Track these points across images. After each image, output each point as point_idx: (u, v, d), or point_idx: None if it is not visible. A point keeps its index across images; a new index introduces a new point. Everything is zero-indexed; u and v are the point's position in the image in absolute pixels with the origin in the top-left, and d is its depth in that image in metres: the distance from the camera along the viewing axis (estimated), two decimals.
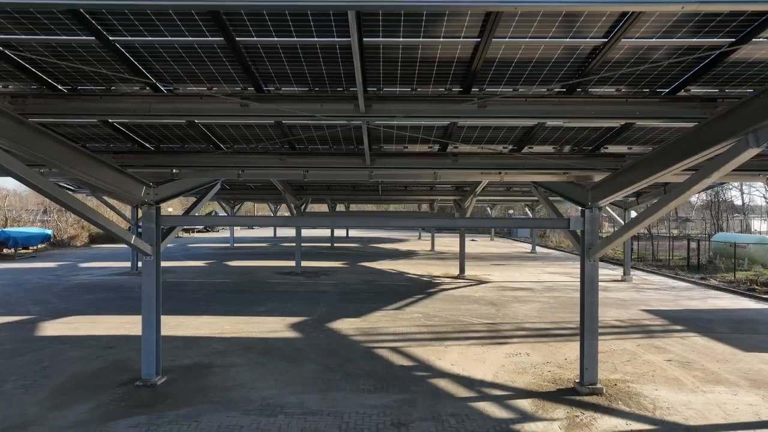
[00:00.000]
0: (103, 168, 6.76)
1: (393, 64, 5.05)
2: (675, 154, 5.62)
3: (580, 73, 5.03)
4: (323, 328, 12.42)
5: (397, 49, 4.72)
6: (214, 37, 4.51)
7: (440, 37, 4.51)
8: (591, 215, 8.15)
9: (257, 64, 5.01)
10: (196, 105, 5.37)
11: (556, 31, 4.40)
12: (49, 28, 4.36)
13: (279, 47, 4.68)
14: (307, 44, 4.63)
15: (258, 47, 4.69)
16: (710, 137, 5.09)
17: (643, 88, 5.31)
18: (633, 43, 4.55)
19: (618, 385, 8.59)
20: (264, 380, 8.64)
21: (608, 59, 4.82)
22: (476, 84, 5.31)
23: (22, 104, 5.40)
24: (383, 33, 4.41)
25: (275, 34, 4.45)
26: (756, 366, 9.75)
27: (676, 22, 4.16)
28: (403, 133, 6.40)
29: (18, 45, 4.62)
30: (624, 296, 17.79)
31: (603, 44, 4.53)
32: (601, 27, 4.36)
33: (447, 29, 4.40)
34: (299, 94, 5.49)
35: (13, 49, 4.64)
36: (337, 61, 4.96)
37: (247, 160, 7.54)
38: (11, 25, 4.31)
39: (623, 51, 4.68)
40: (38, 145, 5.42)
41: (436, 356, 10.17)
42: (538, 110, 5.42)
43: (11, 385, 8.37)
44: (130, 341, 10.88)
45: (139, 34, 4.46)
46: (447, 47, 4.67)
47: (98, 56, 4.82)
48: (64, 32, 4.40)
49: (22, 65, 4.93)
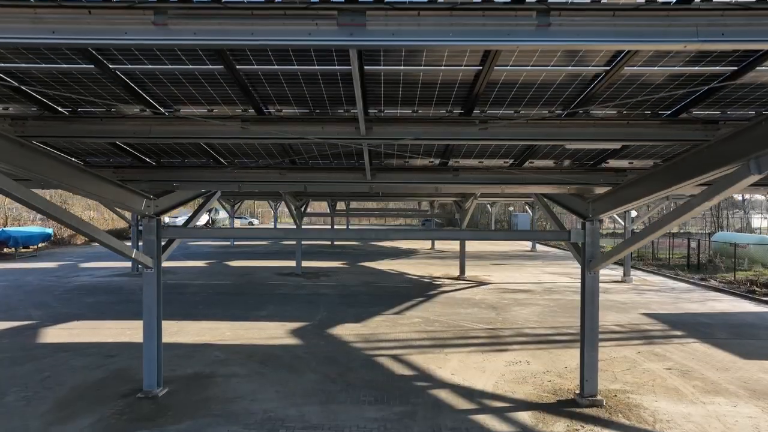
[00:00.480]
0: (104, 184, 6.76)
1: (394, 86, 5.03)
2: (676, 174, 5.61)
3: (583, 96, 5.02)
4: (323, 335, 12.44)
5: (399, 75, 4.70)
6: (214, 65, 4.50)
7: (441, 65, 4.50)
8: (592, 227, 8.14)
9: (257, 87, 4.99)
10: (196, 127, 5.36)
11: (558, 61, 4.39)
12: (50, 58, 4.35)
13: (279, 74, 4.67)
14: (308, 72, 4.62)
15: (258, 74, 4.68)
16: (712, 160, 5.08)
17: (644, 110, 5.30)
18: (635, 71, 4.53)
19: (618, 396, 8.61)
20: (265, 391, 8.66)
21: (612, 83, 4.81)
22: (478, 106, 5.30)
23: (22, 126, 5.39)
24: (384, 62, 4.40)
25: (276, 63, 4.44)
26: (755, 375, 9.77)
27: (678, 52, 4.14)
28: (404, 149, 6.39)
29: (18, 72, 4.60)
30: (624, 299, 17.82)
31: (605, 72, 4.52)
32: (602, 57, 4.35)
33: (448, 60, 4.39)
34: (300, 116, 5.47)
35: (13, 75, 4.63)
36: (337, 84, 4.94)
37: (247, 175, 7.54)
38: (12, 55, 4.30)
39: (625, 78, 4.66)
40: (39, 166, 5.43)
41: (436, 365, 10.19)
42: (539, 132, 5.41)
43: (13, 397, 8.39)
44: (131, 349, 10.89)
45: (139, 63, 4.45)
46: (449, 73, 4.66)
47: (98, 82, 4.80)
48: (65, 61, 4.39)
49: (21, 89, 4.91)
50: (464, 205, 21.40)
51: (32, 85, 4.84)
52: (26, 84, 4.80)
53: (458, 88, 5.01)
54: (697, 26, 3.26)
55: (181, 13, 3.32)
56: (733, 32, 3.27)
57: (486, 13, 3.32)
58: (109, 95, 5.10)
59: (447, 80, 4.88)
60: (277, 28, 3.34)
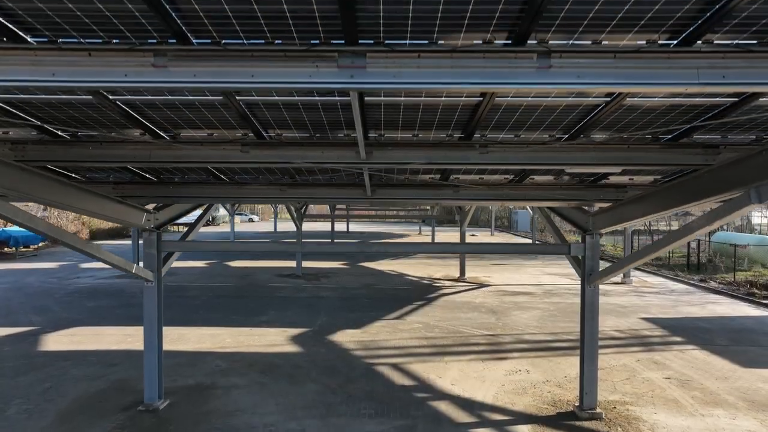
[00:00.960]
0: (105, 201, 6.77)
1: (395, 110, 5.02)
2: (676, 197, 5.62)
3: (584, 123, 5.02)
4: (324, 342, 12.47)
5: (399, 103, 4.70)
6: (214, 96, 4.50)
7: (442, 97, 4.50)
8: (592, 241, 8.15)
9: (256, 112, 4.99)
10: (196, 151, 5.36)
11: (559, 93, 4.38)
12: (50, 89, 4.34)
13: (280, 104, 4.67)
14: (308, 102, 4.62)
15: (259, 104, 4.68)
16: (712, 185, 5.08)
17: (645, 135, 5.30)
18: (636, 102, 4.52)
19: (617, 408, 8.64)
20: (265, 404, 8.69)
21: (613, 111, 4.80)
22: (479, 130, 5.30)
23: (22, 150, 5.39)
24: (385, 94, 4.40)
25: (276, 95, 4.44)
26: (754, 385, 9.80)
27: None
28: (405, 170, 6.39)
29: (18, 102, 4.60)
30: (624, 302, 17.85)
31: (606, 102, 4.51)
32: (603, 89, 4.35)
33: (448, 94, 4.39)
34: (300, 140, 5.47)
35: (13, 105, 4.63)
36: (337, 110, 4.94)
37: (247, 191, 7.54)
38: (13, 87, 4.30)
39: (626, 107, 4.66)
40: (39, 189, 5.43)
41: (436, 374, 10.23)
42: (539, 156, 5.41)
43: (15, 409, 8.42)
44: (131, 357, 10.92)
45: (139, 94, 4.45)
46: (449, 102, 4.66)
47: (97, 110, 4.80)
48: (64, 93, 4.38)
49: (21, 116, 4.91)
50: (465, 208, 21.41)
51: (32, 113, 4.83)
52: (26, 112, 4.80)
53: (459, 113, 5.00)
54: (698, 69, 3.26)
55: (181, 55, 3.32)
56: (735, 74, 3.27)
57: (486, 56, 3.32)
58: (109, 121, 5.10)
59: (448, 106, 4.88)
60: (278, 70, 3.33)
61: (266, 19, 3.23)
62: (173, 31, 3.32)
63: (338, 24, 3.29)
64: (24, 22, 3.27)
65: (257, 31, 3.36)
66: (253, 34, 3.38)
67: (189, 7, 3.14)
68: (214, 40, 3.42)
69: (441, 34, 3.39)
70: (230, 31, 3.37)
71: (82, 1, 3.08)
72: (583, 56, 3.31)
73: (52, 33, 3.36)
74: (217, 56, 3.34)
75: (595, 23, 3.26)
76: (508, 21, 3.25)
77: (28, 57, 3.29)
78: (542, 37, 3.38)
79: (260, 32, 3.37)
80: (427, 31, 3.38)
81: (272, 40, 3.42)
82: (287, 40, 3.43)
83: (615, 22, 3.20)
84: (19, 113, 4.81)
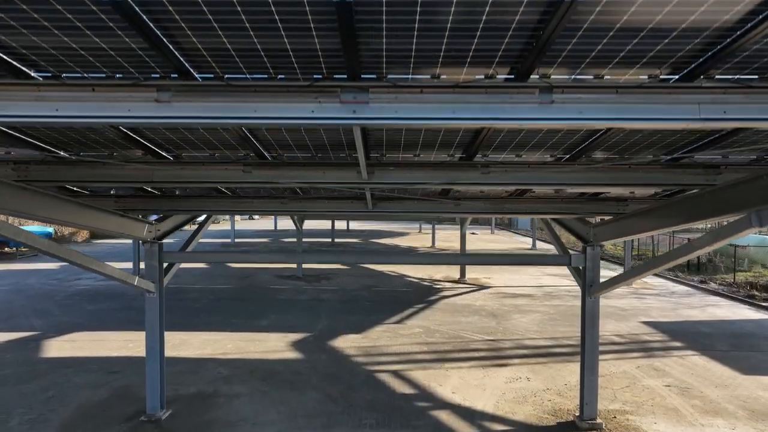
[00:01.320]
0: (107, 216, 6.80)
1: (397, 132, 5.02)
2: (677, 216, 5.63)
3: (585, 145, 5.03)
4: (325, 348, 12.51)
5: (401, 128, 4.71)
6: None
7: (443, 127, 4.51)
8: (593, 252, 8.17)
9: (257, 134, 5.00)
10: (198, 172, 5.39)
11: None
12: None
13: (282, 127, 4.68)
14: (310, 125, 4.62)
15: (260, 127, 4.69)
16: (713, 206, 5.09)
17: (646, 155, 5.31)
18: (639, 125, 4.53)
19: (617, 418, 8.68)
20: (267, 413, 8.73)
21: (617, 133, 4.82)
22: (480, 150, 5.31)
23: (25, 170, 5.41)
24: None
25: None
26: (754, 393, 9.84)
27: None
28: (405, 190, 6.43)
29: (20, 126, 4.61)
30: (624, 304, 17.88)
31: (608, 128, 4.52)
32: None
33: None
34: (302, 161, 5.49)
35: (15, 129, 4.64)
36: (338, 131, 4.95)
37: (249, 204, 7.58)
38: None
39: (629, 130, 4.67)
40: (42, 208, 5.45)
41: (437, 382, 10.26)
42: (540, 177, 5.43)
43: (17, 420, 8.45)
44: (133, 364, 10.95)
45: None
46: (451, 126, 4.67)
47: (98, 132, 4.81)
48: None
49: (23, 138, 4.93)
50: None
51: (34, 136, 4.84)
52: (28, 135, 4.81)
53: (462, 135, 5.01)
54: (700, 104, 3.26)
55: (185, 90, 3.33)
56: (736, 110, 3.28)
57: (488, 91, 3.33)
58: (110, 142, 5.11)
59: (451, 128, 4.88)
60: (281, 105, 3.34)
61: (268, 56, 3.23)
62: (174, 67, 3.33)
63: (341, 58, 3.30)
64: (27, 58, 3.27)
65: (260, 65, 3.37)
66: (256, 69, 3.39)
67: (190, 43, 3.14)
68: (217, 75, 3.42)
69: (444, 68, 3.39)
70: (232, 65, 3.37)
71: (82, 38, 3.08)
72: (586, 91, 3.32)
73: (56, 68, 3.36)
74: (220, 91, 3.35)
75: (598, 59, 3.26)
76: (511, 57, 3.25)
77: (31, 92, 3.29)
78: (545, 71, 3.38)
79: (263, 67, 3.37)
80: (430, 65, 3.38)
81: (275, 75, 3.42)
82: (290, 74, 3.43)
83: (618, 59, 3.21)
84: (22, 136, 4.82)
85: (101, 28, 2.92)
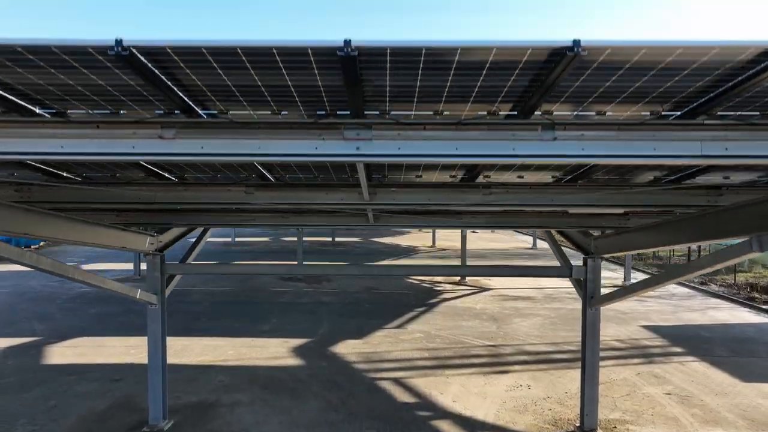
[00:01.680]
0: (108, 231, 6.83)
1: None
2: (677, 234, 5.66)
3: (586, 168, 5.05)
4: (325, 354, 12.54)
5: None
6: None
7: None
8: (594, 264, 8.20)
9: None
10: (200, 193, 5.41)
11: None
12: None
13: None
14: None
15: None
16: (714, 228, 5.11)
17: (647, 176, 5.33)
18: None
19: (617, 428, 8.72)
20: (268, 422, 8.77)
21: None
22: (483, 172, 5.32)
23: (27, 192, 5.44)
24: None
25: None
26: (754, 401, 9.88)
27: None
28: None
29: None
30: (624, 307, 17.87)
31: None
32: None
33: None
34: (304, 181, 5.51)
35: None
36: None
37: (251, 218, 7.59)
38: None
39: None
40: (45, 229, 5.47)
41: (438, 390, 10.30)
42: (541, 198, 5.45)
43: (20, 430, 8.49)
44: (135, 371, 10.99)
45: None
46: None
47: None
48: None
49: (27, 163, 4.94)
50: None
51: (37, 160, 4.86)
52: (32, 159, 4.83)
53: None
54: (701, 141, 3.28)
55: (189, 127, 3.35)
56: (737, 147, 3.29)
57: (491, 127, 3.34)
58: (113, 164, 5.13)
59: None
60: (284, 142, 3.36)
61: (271, 94, 3.24)
62: (177, 105, 3.34)
63: (344, 96, 3.31)
64: (31, 98, 3.28)
65: (263, 102, 3.37)
66: (259, 105, 3.40)
67: (192, 83, 3.15)
68: (221, 112, 3.43)
69: (447, 104, 3.40)
70: (236, 102, 3.38)
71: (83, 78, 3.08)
72: (588, 128, 3.33)
73: (60, 106, 3.38)
74: (224, 128, 3.37)
75: (603, 97, 3.25)
76: (515, 95, 3.26)
77: (36, 130, 3.31)
78: (547, 108, 3.39)
79: (266, 104, 3.38)
80: (434, 102, 3.39)
81: (278, 112, 3.43)
82: (293, 110, 3.45)
83: (621, 98, 3.21)
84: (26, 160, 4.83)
85: (107, 74, 2.93)
